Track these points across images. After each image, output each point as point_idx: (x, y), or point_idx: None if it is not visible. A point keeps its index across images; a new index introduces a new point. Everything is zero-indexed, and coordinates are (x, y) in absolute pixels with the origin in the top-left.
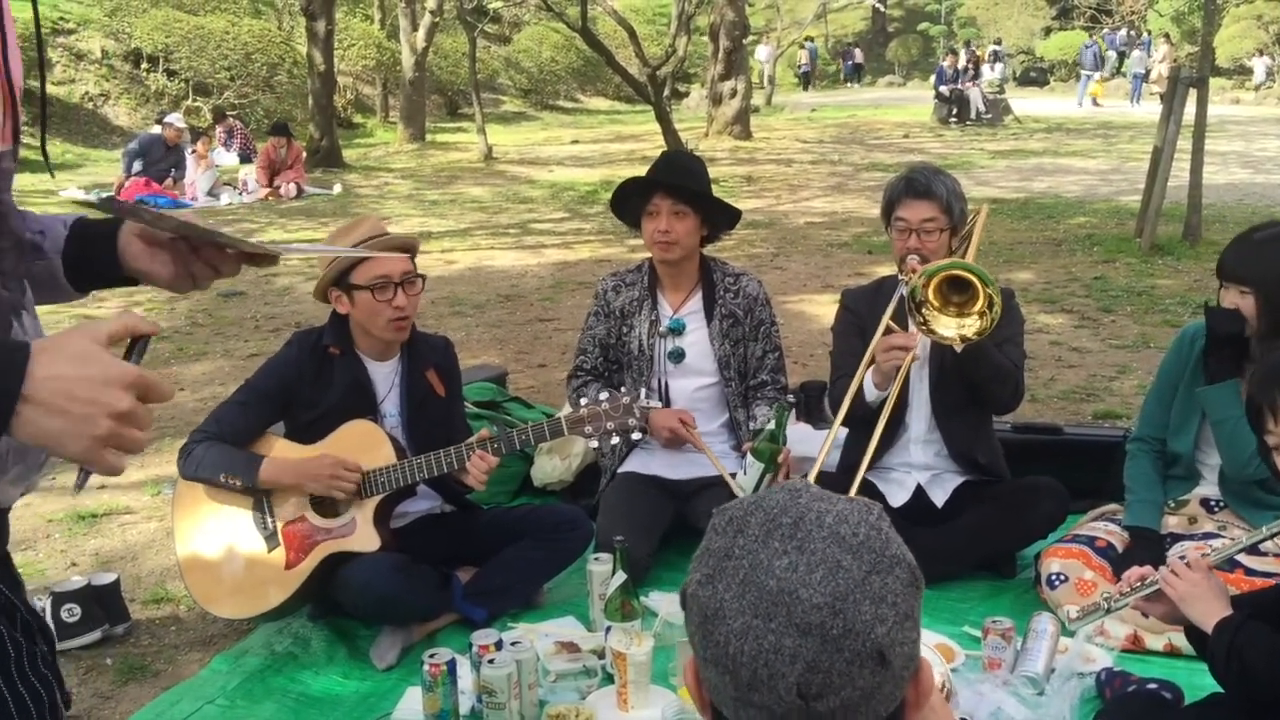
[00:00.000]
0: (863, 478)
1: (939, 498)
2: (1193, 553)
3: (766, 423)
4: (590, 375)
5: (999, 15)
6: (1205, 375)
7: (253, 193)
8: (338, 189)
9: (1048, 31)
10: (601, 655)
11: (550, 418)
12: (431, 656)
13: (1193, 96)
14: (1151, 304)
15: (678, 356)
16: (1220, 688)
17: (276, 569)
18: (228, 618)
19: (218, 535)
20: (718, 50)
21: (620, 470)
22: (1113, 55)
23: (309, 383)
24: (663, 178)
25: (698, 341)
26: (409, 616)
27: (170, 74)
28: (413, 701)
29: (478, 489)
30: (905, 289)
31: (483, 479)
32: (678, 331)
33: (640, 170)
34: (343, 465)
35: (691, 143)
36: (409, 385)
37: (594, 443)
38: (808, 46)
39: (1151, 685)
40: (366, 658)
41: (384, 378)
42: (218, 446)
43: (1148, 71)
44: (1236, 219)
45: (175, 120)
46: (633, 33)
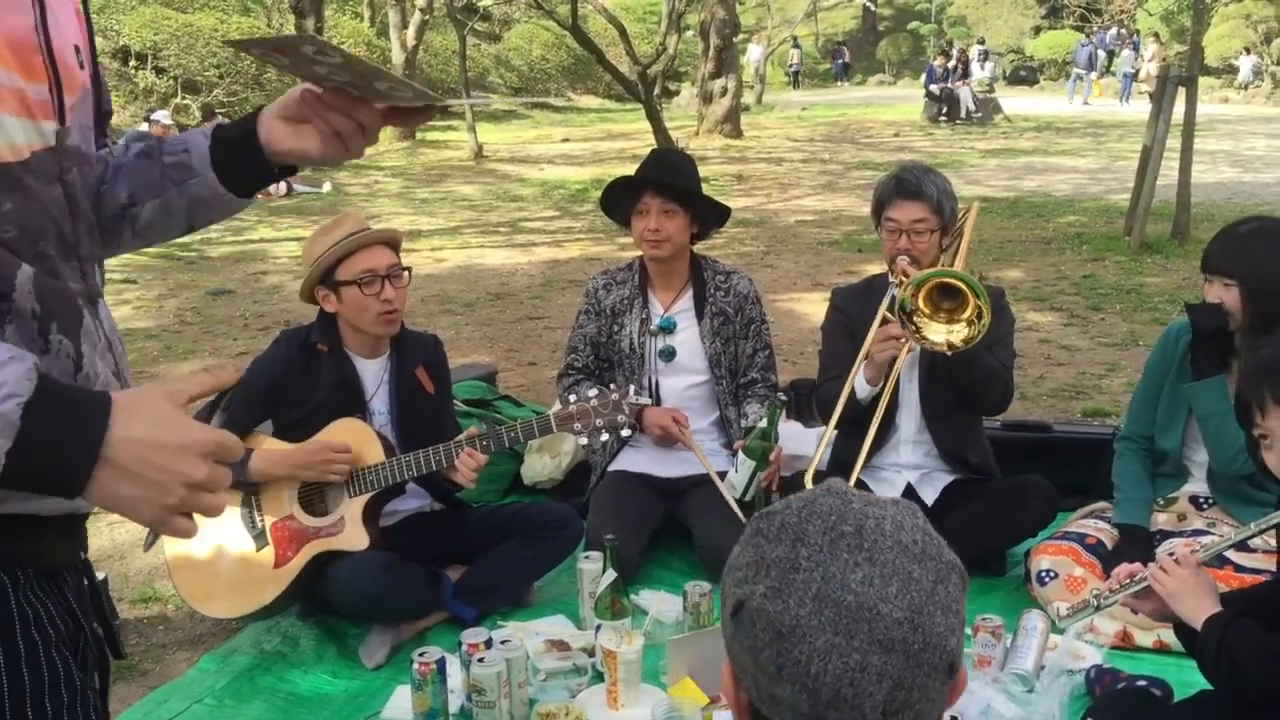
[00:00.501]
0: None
1: (929, 496)
2: (1182, 549)
3: (758, 421)
4: (581, 373)
5: (989, 14)
6: (1191, 371)
7: None
8: (327, 187)
9: (1037, 30)
10: (591, 653)
11: (539, 415)
12: (421, 655)
13: (1182, 95)
14: (1140, 302)
15: (668, 355)
16: (1210, 684)
17: (265, 568)
18: (216, 617)
19: (206, 534)
20: (708, 48)
21: (610, 468)
22: (1102, 55)
23: (297, 380)
24: (652, 176)
25: (688, 339)
26: (398, 615)
27: (159, 71)
28: (402, 700)
29: (467, 487)
30: (894, 295)
31: (472, 477)
32: (668, 330)
33: (631, 168)
34: (330, 448)
35: (682, 141)
36: (398, 383)
37: (583, 439)
38: (794, 46)
39: (1141, 682)
40: (355, 657)
41: (373, 375)
42: None
43: (1137, 71)
44: (1225, 217)
45: (162, 117)
46: (623, 31)
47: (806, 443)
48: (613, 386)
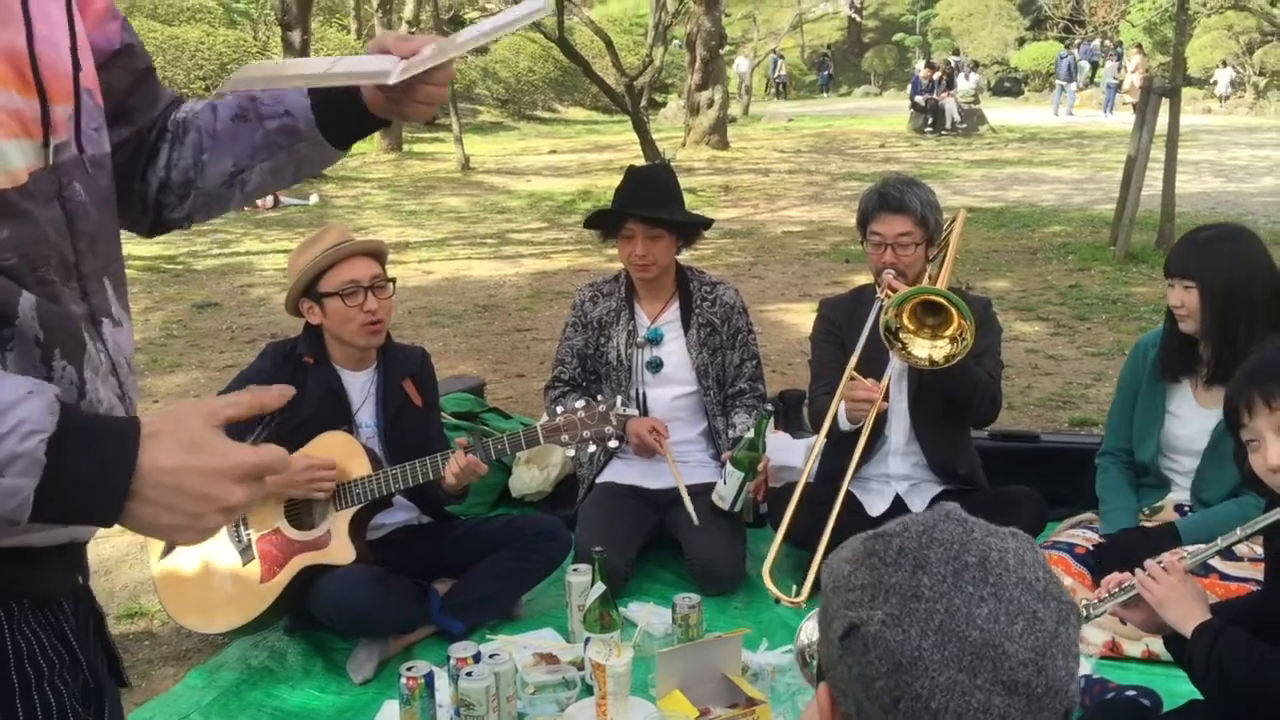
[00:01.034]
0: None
1: (917, 507)
2: (1169, 557)
3: (746, 431)
4: (568, 386)
5: (973, 26)
6: (1159, 372)
7: None
8: (314, 199)
9: (1021, 42)
10: (580, 667)
11: (527, 427)
12: (409, 669)
13: (1165, 106)
14: (1126, 311)
15: (656, 366)
16: (1199, 694)
17: (252, 583)
18: (203, 632)
19: (192, 549)
20: (695, 60)
21: (598, 480)
22: (1085, 65)
23: None
24: (636, 207)
25: (675, 351)
26: (386, 629)
27: None
28: (390, 715)
29: (453, 486)
30: (877, 317)
31: (457, 472)
32: (655, 341)
33: (617, 179)
34: (315, 465)
35: (669, 152)
36: (385, 395)
37: (571, 451)
38: (775, 57)
39: (1130, 692)
40: (343, 671)
41: (359, 388)
42: None
43: (1120, 82)
44: None
45: None
46: (609, 43)
47: (795, 453)
48: (599, 398)
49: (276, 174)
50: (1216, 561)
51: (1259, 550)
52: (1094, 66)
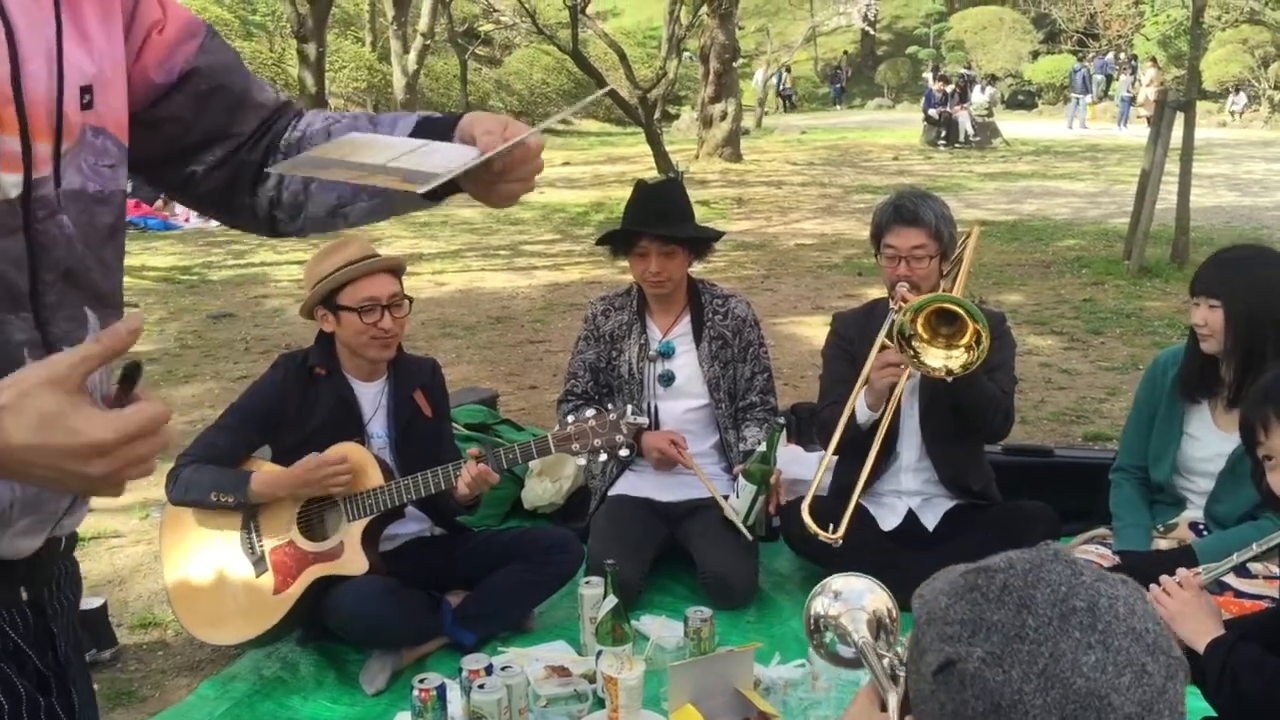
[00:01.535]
0: (856, 501)
1: (930, 522)
2: (1184, 572)
3: (758, 445)
4: (581, 399)
5: (986, 39)
6: (1180, 394)
7: None
8: None
9: (1035, 55)
10: (592, 679)
11: (538, 437)
12: (421, 681)
13: (1180, 120)
14: (1140, 326)
15: (667, 379)
16: (1212, 709)
17: (265, 594)
18: (216, 643)
19: (205, 560)
20: (708, 73)
21: (611, 493)
22: (1099, 78)
23: (295, 405)
24: (648, 224)
25: (687, 364)
26: (398, 641)
27: None
28: None
29: (465, 496)
30: (892, 321)
31: (469, 481)
32: (667, 355)
33: (630, 191)
34: (328, 461)
35: (682, 165)
36: (396, 406)
37: (582, 460)
38: (781, 70)
39: None
40: (355, 682)
41: (370, 399)
42: (206, 468)
43: (1134, 95)
44: (1224, 241)
45: None
46: (623, 55)
47: (807, 467)
48: (610, 407)
49: (374, 213)
50: (1231, 578)
51: (1274, 569)
52: (1108, 80)
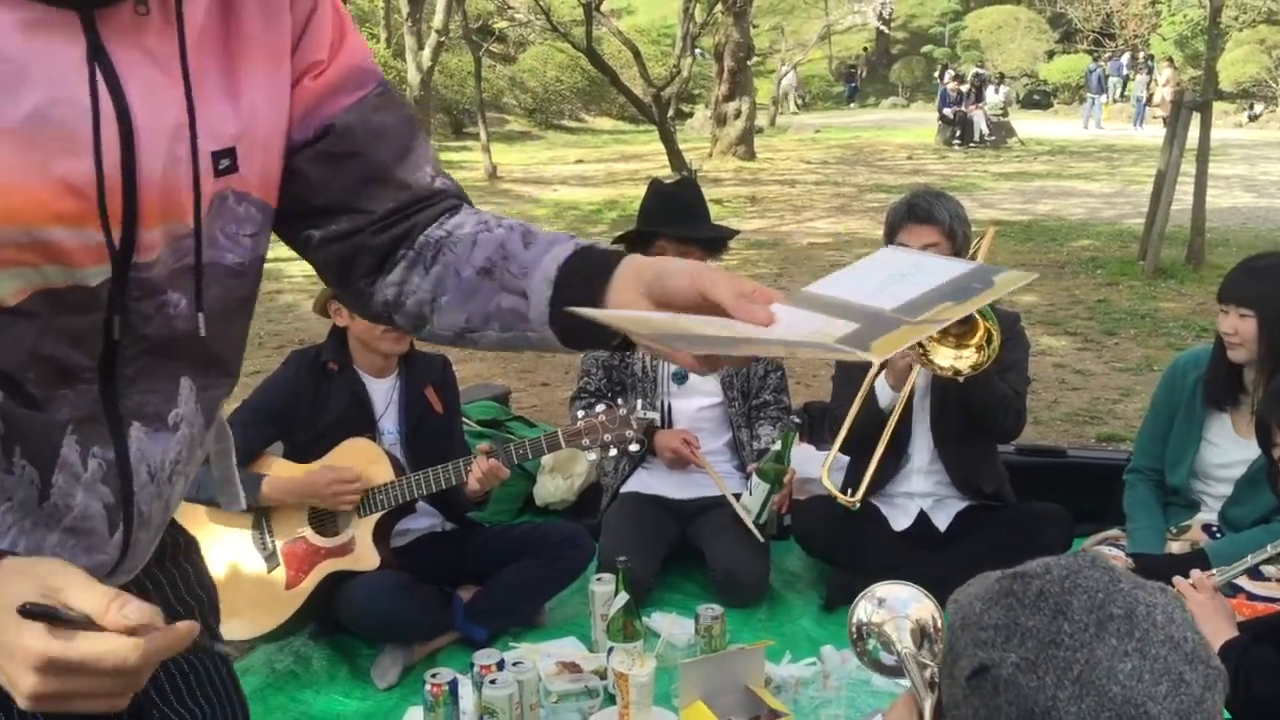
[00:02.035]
0: (868, 501)
1: (942, 523)
2: (1198, 574)
3: (771, 443)
4: (594, 397)
5: (1002, 38)
6: (1204, 399)
7: None
8: None
9: (1051, 55)
10: (603, 676)
11: (549, 432)
12: (433, 676)
13: (1196, 120)
14: (1155, 327)
15: (681, 377)
16: (1226, 711)
17: (277, 589)
18: (228, 637)
19: (218, 556)
20: (722, 71)
21: (623, 490)
22: (1115, 80)
23: (307, 402)
24: (665, 224)
25: None
26: (410, 635)
27: None
28: None
29: (475, 491)
30: None
31: (480, 478)
32: None
33: (643, 189)
34: (340, 478)
35: (695, 163)
36: (407, 402)
37: (593, 455)
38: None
39: None
40: (368, 676)
41: (382, 395)
42: None
43: (1151, 95)
44: (1240, 242)
45: None
46: (637, 53)
47: (819, 466)
48: (620, 403)
49: (507, 346)
50: (1244, 581)
51: None
52: (1125, 80)
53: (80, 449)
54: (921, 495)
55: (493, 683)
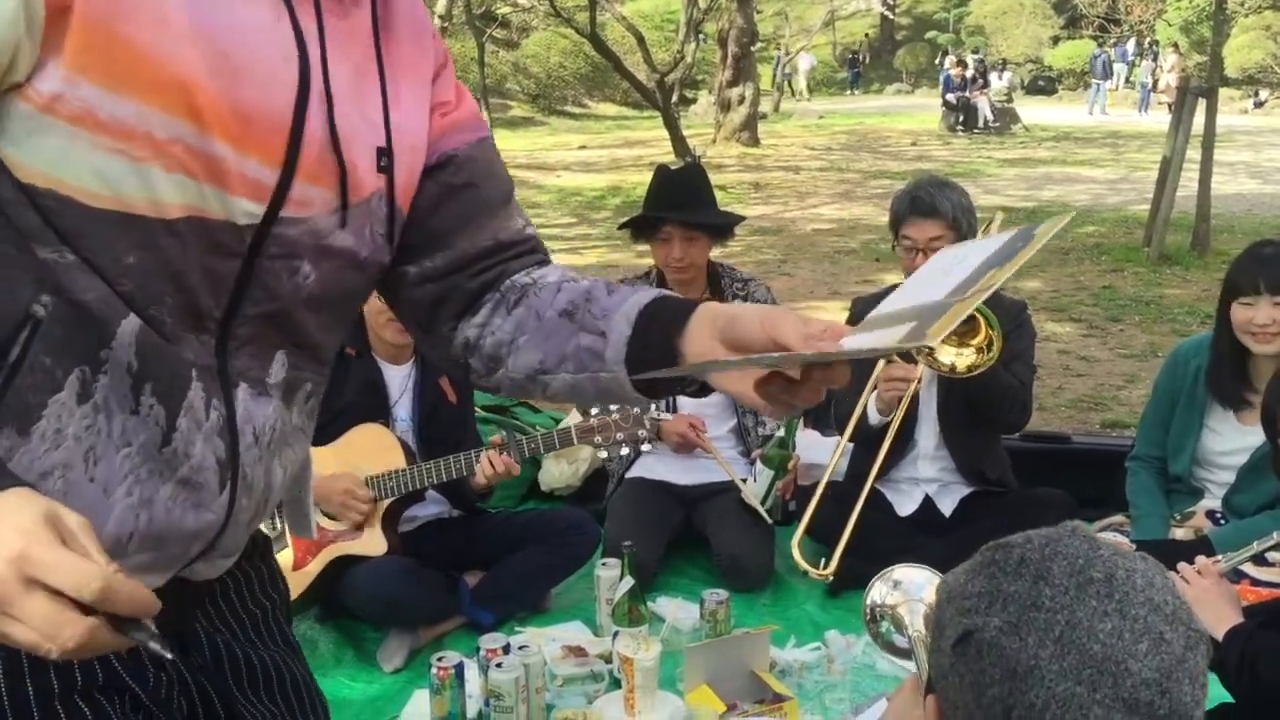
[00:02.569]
0: (873, 486)
1: (947, 508)
2: (1203, 559)
3: (776, 429)
4: None
5: (1007, 24)
6: (1213, 394)
7: None
8: None
9: (1055, 40)
10: (609, 660)
11: (560, 426)
12: (440, 660)
13: (1201, 106)
14: (1160, 314)
15: None
16: (1231, 697)
17: (284, 570)
18: None
19: None
20: (726, 56)
21: (628, 475)
22: (1120, 66)
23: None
24: (671, 210)
25: None
26: (416, 619)
27: None
28: (420, 705)
29: (482, 485)
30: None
31: (490, 473)
32: None
33: (647, 175)
34: (353, 493)
35: (700, 149)
36: (422, 390)
37: (603, 453)
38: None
39: None
40: (374, 660)
41: (398, 382)
42: None
43: (1155, 81)
44: (1245, 229)
45: None
46: (641, 39)
47: (824, 452)
48: None
49: (577, 391)
50: (1248, 567)
51: None
52: (1130, 66)
53: (205, 396)
54: (927, 481)
55: (499, 666)
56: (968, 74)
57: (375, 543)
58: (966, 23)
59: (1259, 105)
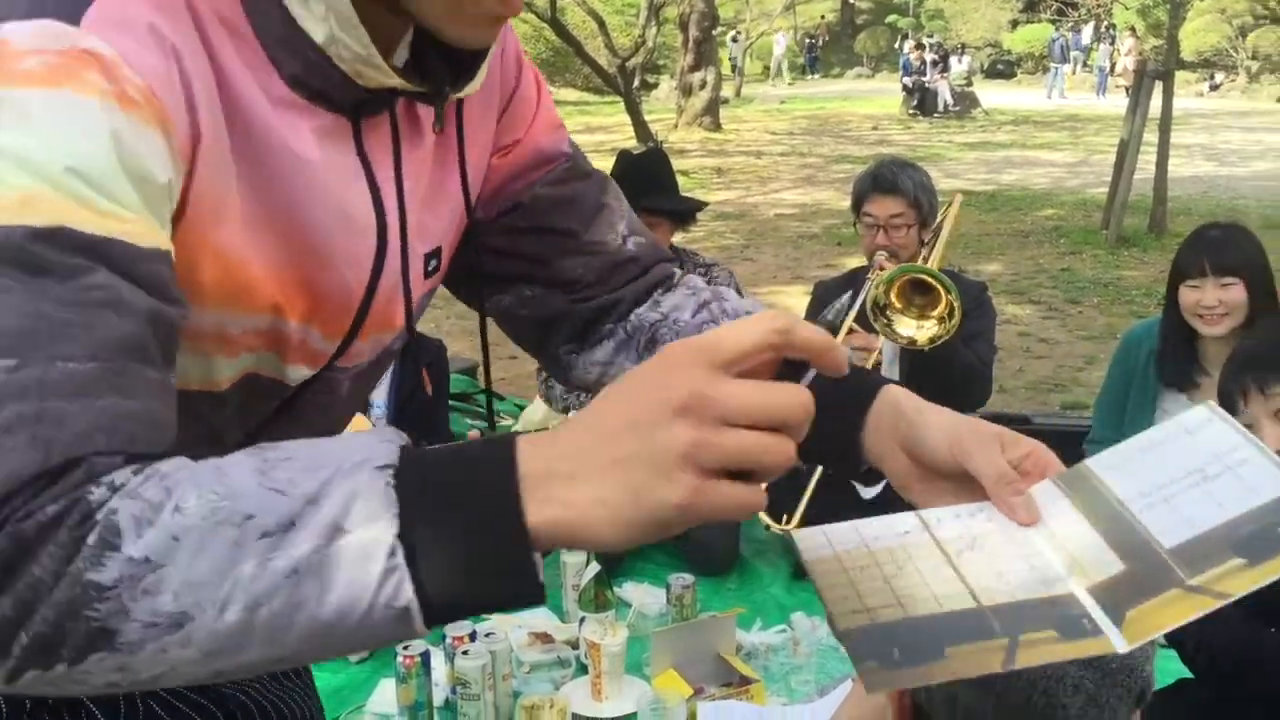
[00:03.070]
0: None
1: None
2: None
3: None
4: None
5: (966, 8)
6: (1162, 378)
7: None
8: None
9: (1014, 24)
10: (575, 646)
11: (535, 420)
12: (405, 648)
13: (1158, 89)
14: (1118, 295)
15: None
16: (1190, 673)
17: None
18: None
19: None
20: (687, 41)
21: None
22: (1079, 51)
23: None
24: (633, 196)
25: None
26: None
27: None
28: (386, 693)
29: None
30: (866, 296)
31: None
32: None
33: (609, 161)
34: None
35: (661, 134)
36: (401, 379)
37: None
38: (781, 36)
39: None
40: None
41: None
42: None
43: (1113, 64)
44: (1201, 211)
45: None
46: (602, 23)
47: None
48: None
49: None
50: None
51: None
52: (1088, 50)
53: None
54: None
55: (465, 654)
56: (927, 58)
57: None
58: (926, 6)
59: (1214, 88)
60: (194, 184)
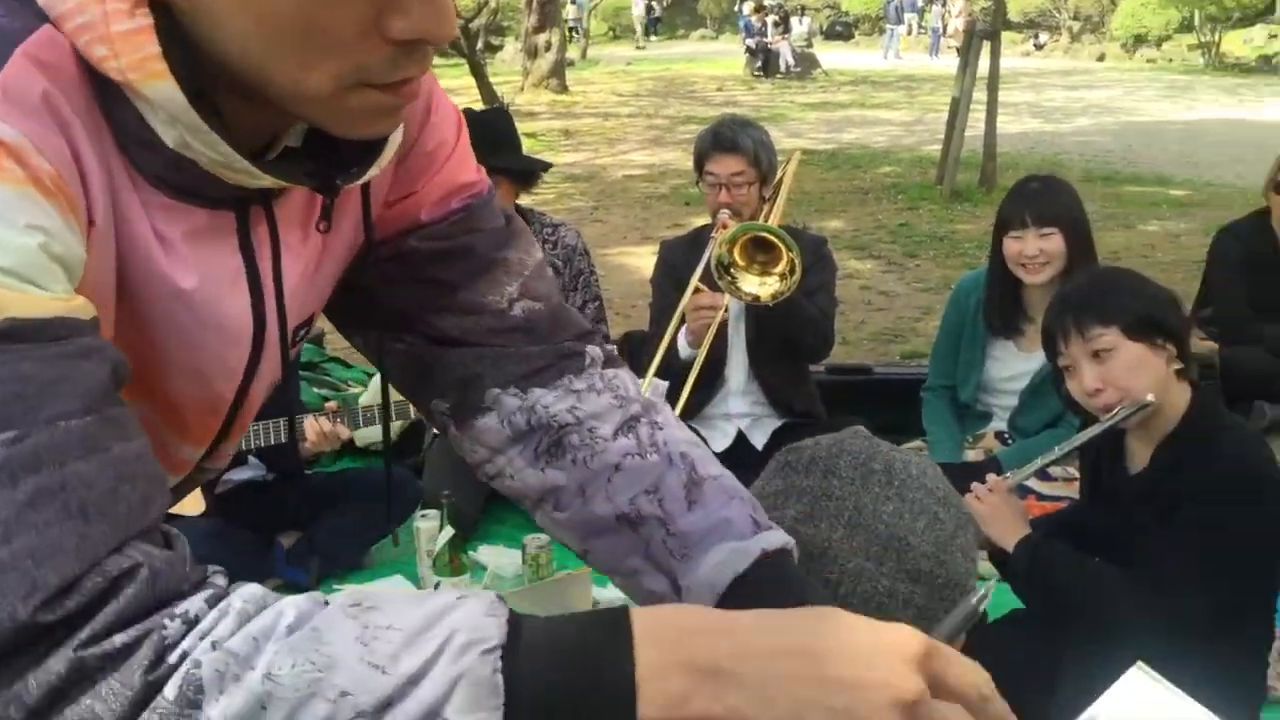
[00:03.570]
0: (689, 423)
1: (759, 441)
2: (993, 477)
3: None
4: None
5: None
6: (986, 326)
7: None
8: None
9: None
10: None
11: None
12: None
13: (986, 49)
14: (952, 248)
15: None
16: (1022, 603)
17: None
18: None
19: None
20: (531, 2)
21: None
22: (913, 12)
23: None
24: (476, 157)
25: None
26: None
27: None
28: None
29: (311, 450)
30: (710, 256)
31: (316, 442)
32: None
33: None
34: None
35: (508, 96)
36: None
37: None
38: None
39: None
40: None
41: None
42: None
43: (945, 25)
44: (1028, 165)
45: None
46: None
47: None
48: None
49: (626, 591)
50: (1033, 482)
51: (1071, 470)
52: (921, 12)
53: None
54: (739, 416)
55: None
56: (769, 20)
57: (193, 502)
58: None
59: (1039, 48)
60: (86, 272)
